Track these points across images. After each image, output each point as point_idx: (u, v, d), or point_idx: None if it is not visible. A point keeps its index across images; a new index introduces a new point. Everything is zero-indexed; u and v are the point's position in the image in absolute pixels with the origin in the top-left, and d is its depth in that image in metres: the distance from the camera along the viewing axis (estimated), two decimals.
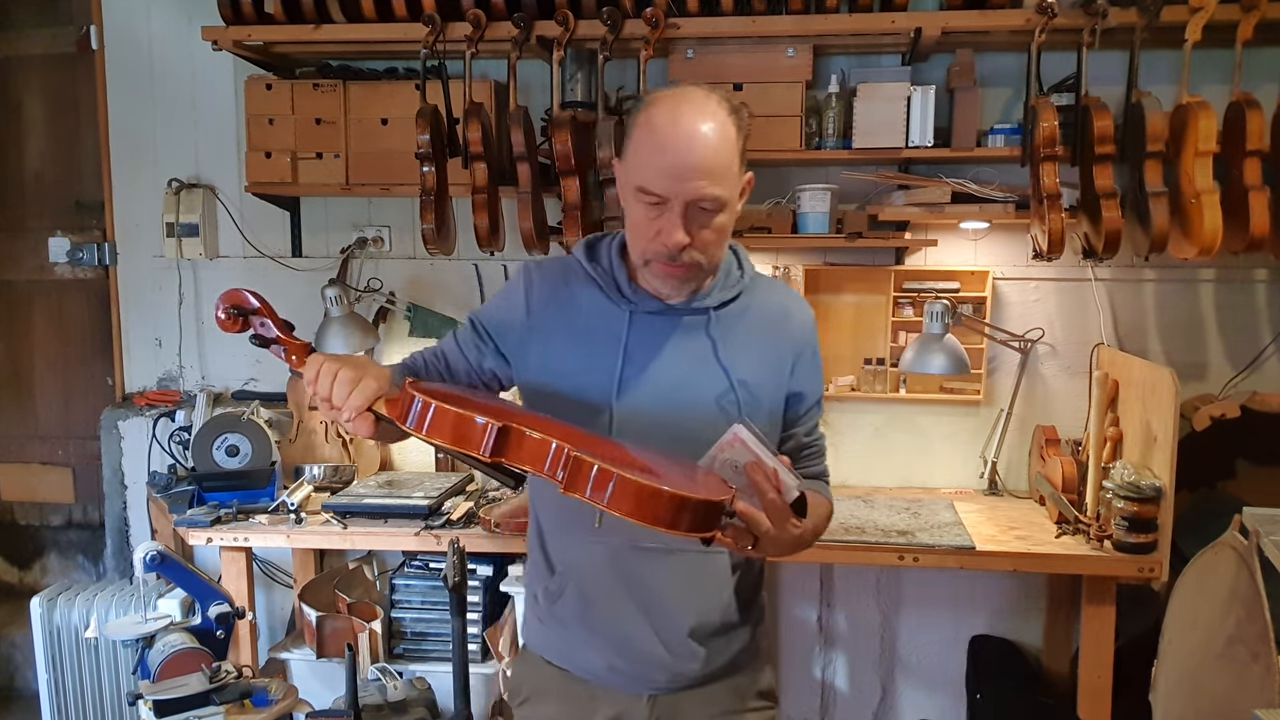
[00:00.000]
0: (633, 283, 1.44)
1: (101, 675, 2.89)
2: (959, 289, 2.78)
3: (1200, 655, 1.78)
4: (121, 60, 3.09)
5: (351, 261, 3.01)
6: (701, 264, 1.37)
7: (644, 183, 1.32)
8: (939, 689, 2.98)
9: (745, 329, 1.46)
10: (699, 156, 1.30)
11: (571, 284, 1.47)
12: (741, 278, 1.49)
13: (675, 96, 1.35)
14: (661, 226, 1.33)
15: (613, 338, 1.42)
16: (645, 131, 1.34)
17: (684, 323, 1.44)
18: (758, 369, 1.45)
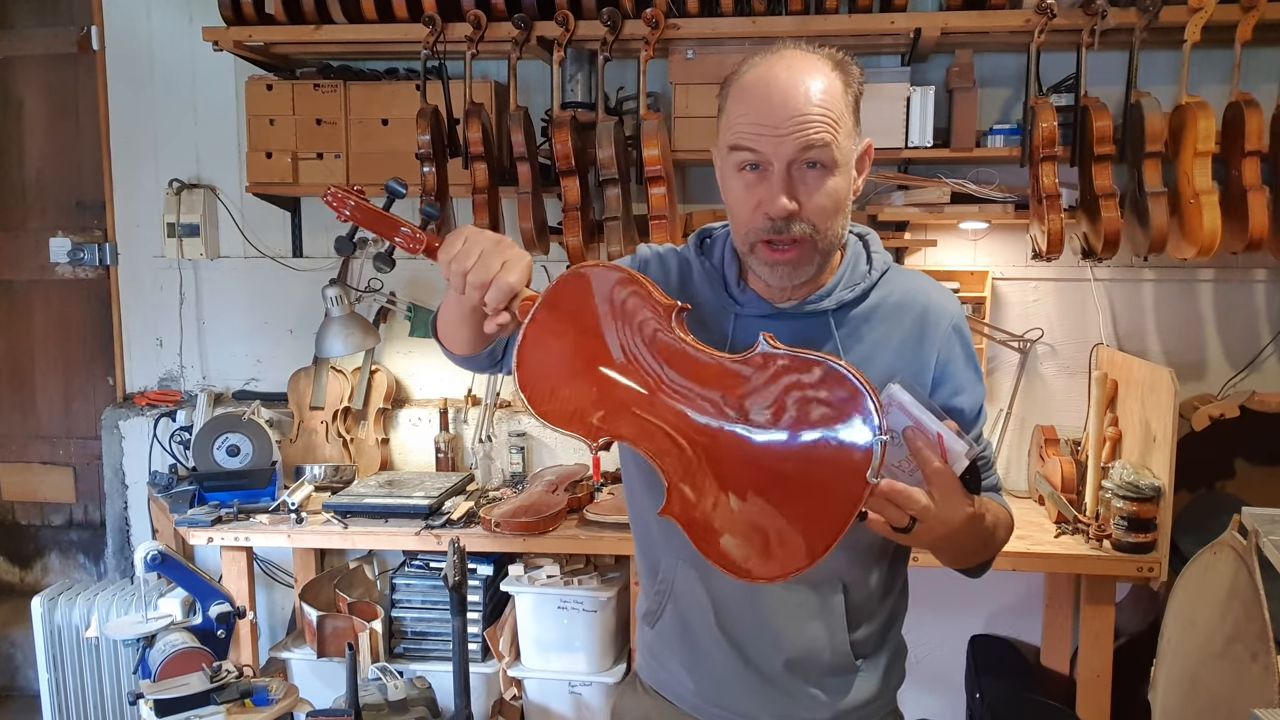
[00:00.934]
0: (742, 281, 1.26)
1: (102, 675, 2.89)
2: (959, 289, 2.78)
3: (1199, 655, 1.78)
4: (122, 60, 3.09)
5: (352, 262, 3.02)
6: (814, 241, 1.16)
7: (737, 138, 1.14)
8: (939, 689, 2.98)
9: (874, 332, 1.24)
10: (800, 102, 1.11)
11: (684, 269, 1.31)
12: (870, 272, 1.26)
13: (769, 56, 1.17)
14: (762, 196, 1.14)
15: (716, 341, 1.22)
16: (737, 91, 1.17)
17: (797, 326, 1.22)
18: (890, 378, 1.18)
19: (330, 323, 2.84)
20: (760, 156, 1.13)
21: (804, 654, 1.26)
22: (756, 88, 1.14)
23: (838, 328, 1.23)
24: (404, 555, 2.78)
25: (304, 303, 3.06)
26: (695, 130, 2.61)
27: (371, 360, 3.00)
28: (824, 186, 1.14)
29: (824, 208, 1.15)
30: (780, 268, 1.18)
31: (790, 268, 1.17)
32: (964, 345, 1.28)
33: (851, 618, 1.27)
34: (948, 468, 1.03)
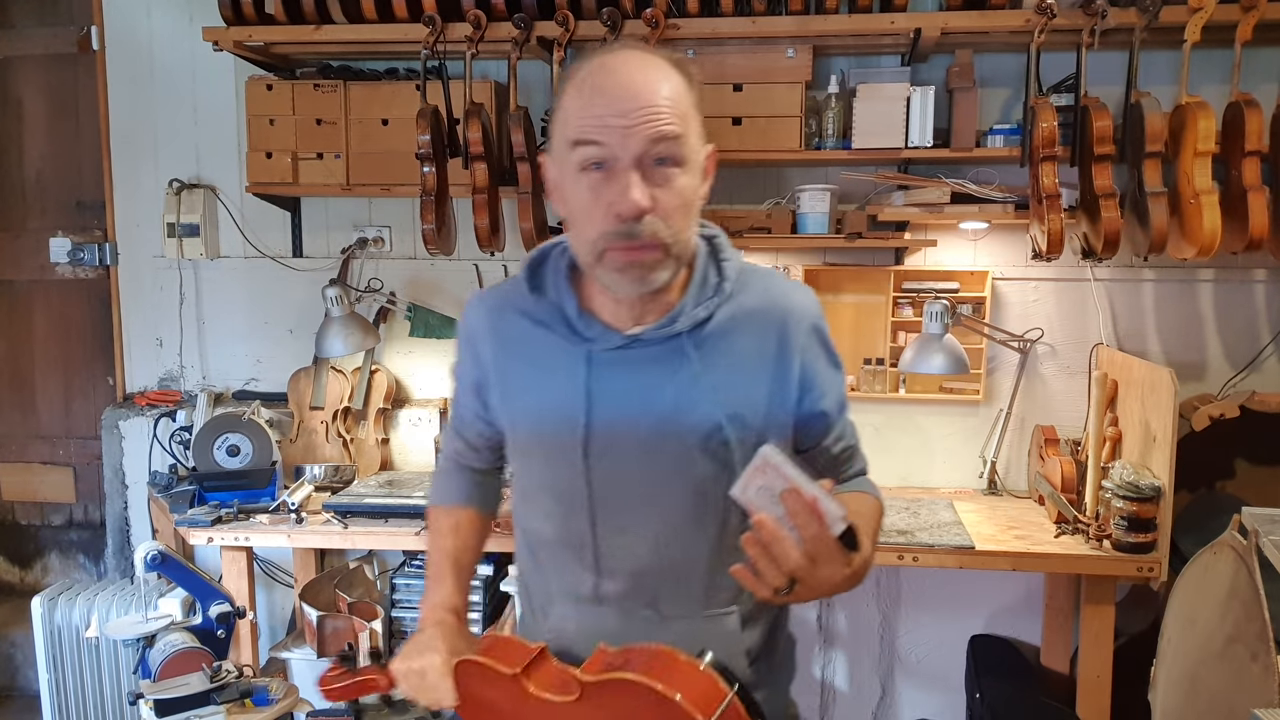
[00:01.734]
0: (585, 312, 1.18)
1: (102, 675, 2.89)
2: (958, 289, 2.78)
3: (1199, 655, 1.78)
4: (122, 60, 3.09)
5: (352, 261, 3.02)
6: (667, 242, 1.08)
7: (580, 132, 1.06)
8: (939, 689, 2.99)
9: (732, 348, 1.19)
10: (647, 92, 1.06)
11: (515, 315, 1.23)
12: (721, 285, 1.20)
13: (606, 53, 1.11)
14: (612, 195, 1.06)
15: (572, 384, 1.18)
16: (574, 88, 1.09)
17: (653, 354, 1.17)
18: (752, 395, 1.19)
19: (330, 323, 2.84)
20: (607, 151, 1.05)
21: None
22: (599, 80, 1.07)
23: (695, 349, 1.17)
24: (404, 555, 2.78)
25: (304, 303, 3.06)
26: None
27: (371, 360, 3.00)
28: (674, 183, 1.07)
29: (676, 207, 1.08)
30: (633, 270, 1.09)
31: (643, 270, 1.09)
32: (824, 344, 1.26)
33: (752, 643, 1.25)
34: (826, 531, 0.97)
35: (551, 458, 1.21)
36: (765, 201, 2.81)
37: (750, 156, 2.61)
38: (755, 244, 2.75)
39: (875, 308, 2.82)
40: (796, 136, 2.58)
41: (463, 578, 1.35)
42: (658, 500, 1.18)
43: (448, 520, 1.39)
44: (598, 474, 1.18)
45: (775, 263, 2.85)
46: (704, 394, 1.17)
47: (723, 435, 1.16)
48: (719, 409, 1.17)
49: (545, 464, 1.22)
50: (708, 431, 1.16)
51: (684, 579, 1.21)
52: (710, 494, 1.18)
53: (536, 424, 1.21)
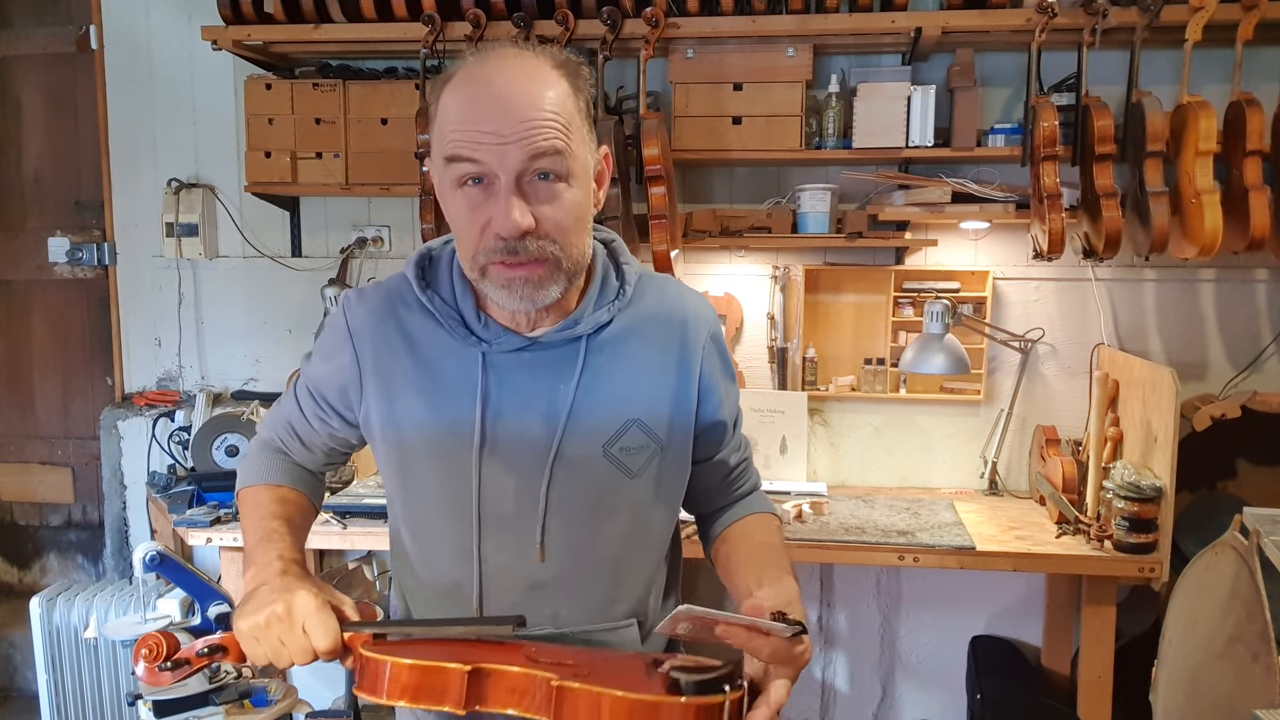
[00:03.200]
0: (483, 313, 1.14)
1: (101, 675, 2.89)
2: (959, 289, 2.78)
3: (1200, 655, 1.78)
4: (121, 60, 3.09)
5: (351, 261, 3.01)
6: (557, 258, 1.03)
7: (454, 148, 1.00)
8: (939, 689, 2.98)
9: (634, 352, 1.16)
10: (525, 106, 0.99)
11: (404, 315, 1.16)
12: (622, 289, 1.17)
13: (484, 54, 1.04)
14: (491, 213, 1.01)
15: (467, 384, 1.12)
16: (449, 94, 1.03)
17: (552, 358, 1.13)
18: (654, 400, 1.16)
19: None
20: (483, 168, 1.00)
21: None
22: (474, 90, 1.01)
23: (592, 354, 1.13)
24: None
25: (303, 302, 3.05)
26: (695, 130, 2.61)
27: None
28: (560, 200, 1.02)
29: (562, 223, 1.02)
30: (519, 287, 1.04)
31: (530, 287, 1.04)
32: (721, 354, 1.24)
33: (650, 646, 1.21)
34: (780, 642, 0.93)
35: (440, 464, 1.13)
36: (765, 201, 2.80)
37: (750, 156, 2.60)
38: (755, 244, 2.75)
39: (876, 307, 2.82)
40: (797, 136, 2.58)
41: (299, 539, 1.18)
42: (555, 510, 1.12)
43: (271, 493, 1.24)
44: (490, 480, 1.12)
45: (776, 262, 2.85)
46: (606, 398, 1.13)
47: (625, 440, 1.13)
48: (621, 413, 1.14)
49: (432, 472, 1.14)
50: (610, 436, 1.13)
51: (582, 590, 1.15)
52: (610, 501, 1.14)
53: (426, 428, 1.13)
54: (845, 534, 2.39)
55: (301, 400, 1.25)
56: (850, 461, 2.91)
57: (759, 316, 2.89)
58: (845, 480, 2.91)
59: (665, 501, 1.21)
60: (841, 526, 2.44)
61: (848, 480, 2.91)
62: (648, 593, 1.22)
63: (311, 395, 1.24)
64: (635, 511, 1.17)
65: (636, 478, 1.16)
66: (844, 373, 2.85)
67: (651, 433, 1.15)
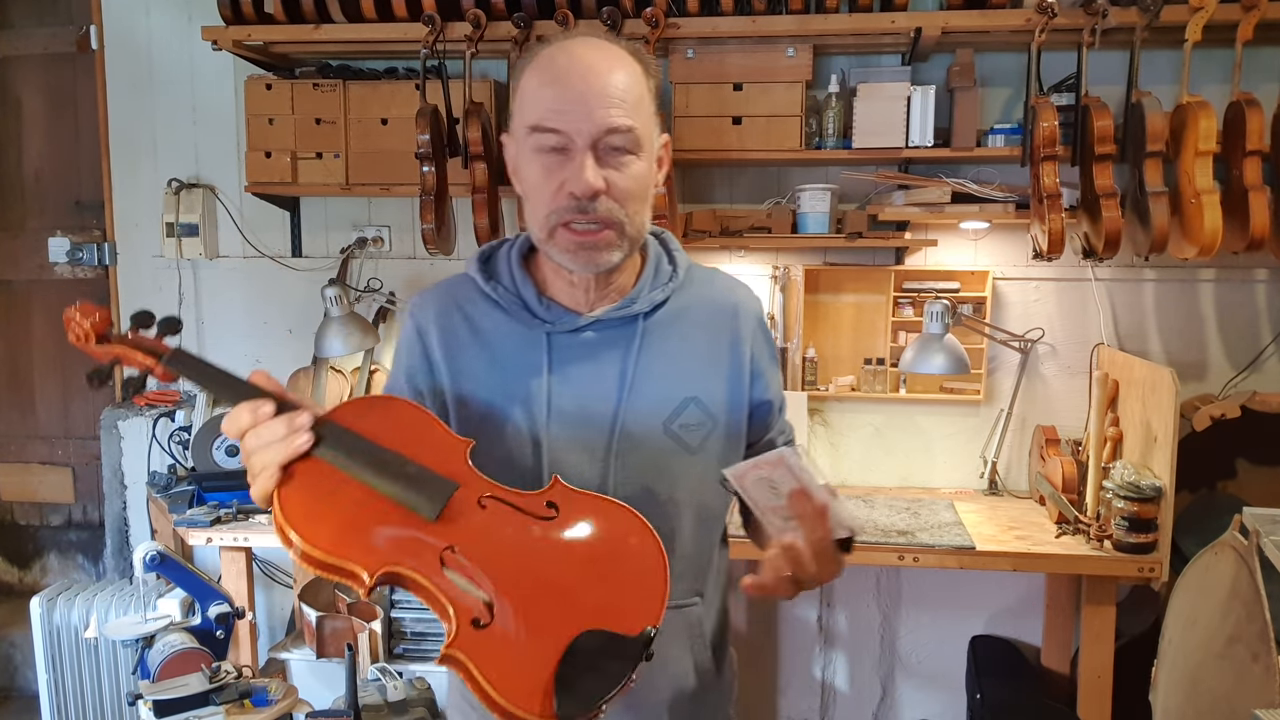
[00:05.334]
0: (544, 297, 1.20)
1: (101, 675, 2.89)
2: (959, 289, 2.78)
3: (1200, 655, 1.78)
4: (121, 60, 3.09)
5: (351, 261, 3.01)
6: (621, 223, 1.11)
7: (539, 119, 1.09)
8: (939, 689, 2.98)
9: (688, 333, 1.22)
10: (603, 81, 1.08)
11: (467, 309, 1.23)
12: (675, 272, 1.24)
13: (565, 39, 1.14)
14: (566, 175, 1.08)
15: (531, 365, 1.18)
16: (533, 73, 1.12)
17: (612, 337, 1.19)
18: (709, 379, 1.22)
19: (329, 323, 2.83)
20: (564, 137, 1.08)
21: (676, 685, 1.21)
22: (558, 66, 1.10)
23: (649, 333, 1.20)
24: None
25: (303, 302, 3.05)
26: (695, 130, 2.61)
27: (371, 360, 3.00)
28: (629, 168, 1.10)
29: (630, 190, 1.11)
30: (584, 252, 1.12)
31: (594, 251, 1.12)
32: (768, 340, 1.31)
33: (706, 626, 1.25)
34: (829, 536, 1.01)
35: (508, 442, 1.17)
36: (765, 201, 2.81)
37: (750, 156, 2.60)
38: (755, 244, 2.75)
39: (876, 307, 2.82)
40: (797, 136, 2.58)
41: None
42: (620, 483, 1.15)
43: None
44: (555, 457, 1.16)
45: (776, 262, 2.85)
46: (663, 375, 1.19)
47: (684, 417, 1.18)
48: (679, 391, 1.19)
49: (501, 450, 1.17)
50: (670, 413, 1.18)
51: None
52: (672, 477, 1.18)
53: (494, 406, 1.18)
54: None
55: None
56: (850, 461, 2.91)
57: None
58: (845, 480, 2.91)
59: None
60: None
61: (848, 480, 2.91)
62: (708, 570, 1.25)
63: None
64: (696, 487, 1.20)
65: (696, 454, 1.19)
66: (844, 373, 2.85)
67: (708, 411, 1.20)
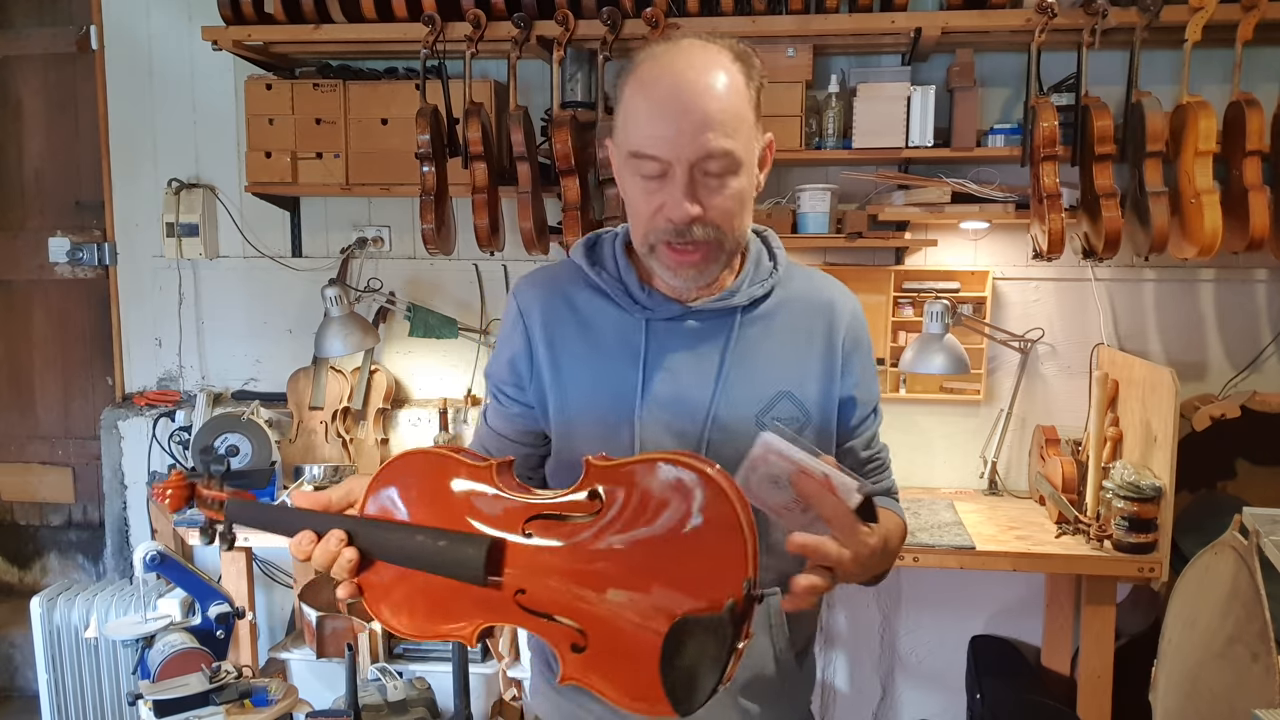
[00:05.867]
0: (646, 285, 1.22)
1: (101, 675, 2.89)
2: (959, 289, 2.78)
3: (1200, 655, 1.78)
4: (121, 60, 3.09)
5: (351, 261, 3.01)
6: (720, 242, 1.13)
7: (638, 146, 1.10)
8: (939, 689, 2.98)
9: (784, 329, 1.23)
10: (701, 106, 1.08)
11: (570, 293, 1.25)
12: (774, 268, 1.25)
13: (668, 48, 1.13)
14: (664, 200, 1.10)
15: (629, 350, 1.20)
16: (634, 89, 1.12)
17: (710, 327, 1.21)
18: (803, 375, 1.22)
19: (329, 322, 2.83)
20: (662, 164, 1.09)
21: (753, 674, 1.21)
22: (657, 86, 1.10)
23: (745, 325, 1.21)
24: None
25: (303, 302, 3.06)
26: None
27: (371, 360, 3.00)
28: (728, 188, 1.11)
29: (728, 210, 1.12)
30: (685, 270, 1.14)
31: (695, 270, 1.15)
32: (865, 340, 1.29)
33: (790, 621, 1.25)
34: (844, 505, 0.97)
35: (602, 423, 1.19)
36: (765, 201, 2.80)
37: None
38: None
39: (876, 307, 2.82)
40: (797, 136, 2.58)
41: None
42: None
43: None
44: (647, 440, 1.17)
45: None
46: (757, 368, 1.20)
47: (776, 410, 1.19)
48: (772, 384, 1.20)
49: (593, 429, 1.20)
50: (762, 406, 1.19)
51: None
52: None
53: (591, 389, 1.21)
54: None
55: (490, 415, 1.31)
56: None
57: None
58: None
59: None
60: None
61: None
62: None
63: (495, 397, 1.29)
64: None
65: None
66: None
67: (801, 406, 1.21)
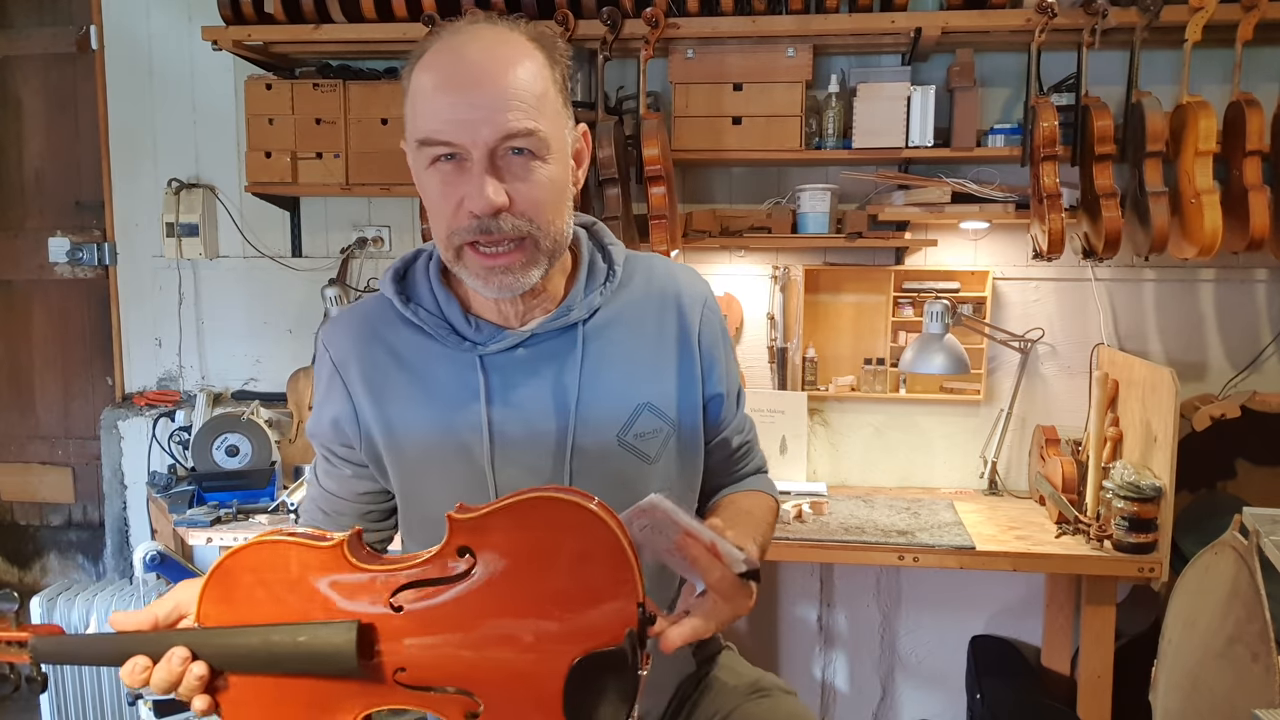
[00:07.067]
0: (470, 314, 1.10)
1: (101, 675, 2.89)
2: (959, 289, 2.78)
3: (1200, 655, 1.78)
4: (121, 60, 3.09)
5: (351, 261, 3.01)
6: (535, 240, 1.01)
7: (427, 131, 0.98)
8: (939, 689, 2.98)
9: (632, 334, 1.13)
10: (496, 81, 0.96)
11: (387, 336, 1.12)
12: (611, 271, 1.15)
13: (456, 30, 1.01)
14: (464, 192, 0.98)
15: (467, 392, 1.08)
16: (421, 71, 1.00)
17: (551, 349, 1.10)
18: (660, 381, 1.13)
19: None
20: (457, 149, 0.98)
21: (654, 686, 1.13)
22: (444, 68, 0.98)
23: (590, 340, 1.10)
24: None
25: (303, 302, 3.05)
26: (695, 130, 2.61)
27: None
28: (535, 175, 0.99)
29: (539, 200, 1.00)
30: (497, 276, 1.02)
31: (510, 275, 1.02)
32: (717, 324, 1.21)
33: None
34: (730, 573, 0.92)
35: (450, 476, 1.09)
36: (765, 201, 2.80)
37: (750, 156, 2.60)
38: (755, 244, 2.75)
39: (875, 308, 2.82)
40: (797, 136, 2.58)
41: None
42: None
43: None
44: (506, 485, 1.07)
45: (776, 262, 2.85)
46: (612, 385, 1.10)
47: (638, 426, 1.10)
48: (630, 399, 1.11)
49: (443, 484, 1.09)
50: (623, 424, 1.10)
51: None
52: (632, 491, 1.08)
53: (431, 443, 1.09)
54: (845, 534, 2.39)
55: (319, 473, 1.20)
56: (850, 461, 2.91)
57: (759, 316, 2.89)
58: (845, 480, 2.91)
59: (686, 484, 1.18)
60: (841, 526, 2.45)
61: (848, 480, 2.91)
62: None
63: (324, 456, 1.19)
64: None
65: (654, 463, 1.13)
66: (844, 373, 2.85)
67: (663, 414, 1.13)
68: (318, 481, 1.21)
